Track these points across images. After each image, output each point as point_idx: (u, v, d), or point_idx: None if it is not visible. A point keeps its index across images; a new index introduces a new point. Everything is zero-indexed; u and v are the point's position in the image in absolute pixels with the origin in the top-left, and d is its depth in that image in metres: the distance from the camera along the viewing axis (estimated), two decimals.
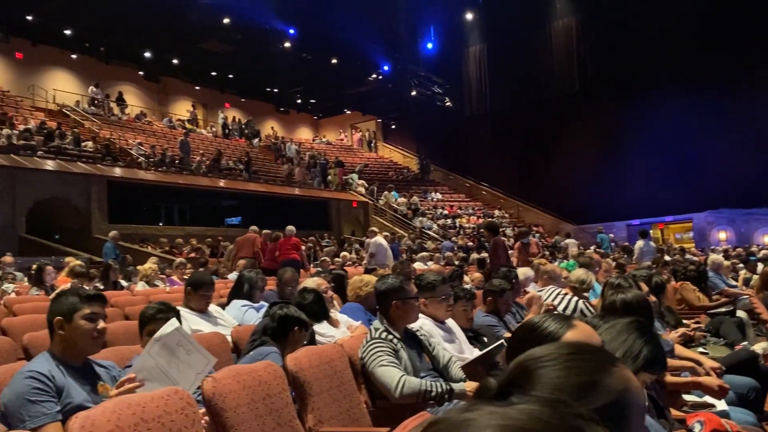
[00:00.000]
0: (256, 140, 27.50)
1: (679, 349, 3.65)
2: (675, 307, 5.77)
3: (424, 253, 14.67)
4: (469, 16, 26.25)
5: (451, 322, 3.96)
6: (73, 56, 23.72)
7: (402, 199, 24.95)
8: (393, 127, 32.33)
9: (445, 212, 25.63)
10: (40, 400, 2.17)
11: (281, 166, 25.65)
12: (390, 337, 3.13)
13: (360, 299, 4.68)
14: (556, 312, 4.10)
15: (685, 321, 5.06)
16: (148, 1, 19.05)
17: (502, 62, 25.56)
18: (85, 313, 2.39)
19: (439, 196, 27.52)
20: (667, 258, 11.19)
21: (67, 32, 21.66)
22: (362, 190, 24.93)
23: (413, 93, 27.17)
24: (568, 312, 4.73)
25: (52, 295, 5.35)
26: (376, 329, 3.20)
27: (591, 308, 4.73)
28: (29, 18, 20.42)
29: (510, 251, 9.82)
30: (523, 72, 25.12)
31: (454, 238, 20.49)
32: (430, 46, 27.50)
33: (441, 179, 29.66)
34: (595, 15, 23.35)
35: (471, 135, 27.33)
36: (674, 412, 2.32)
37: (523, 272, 6.07)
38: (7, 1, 19.28)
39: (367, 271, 8.57)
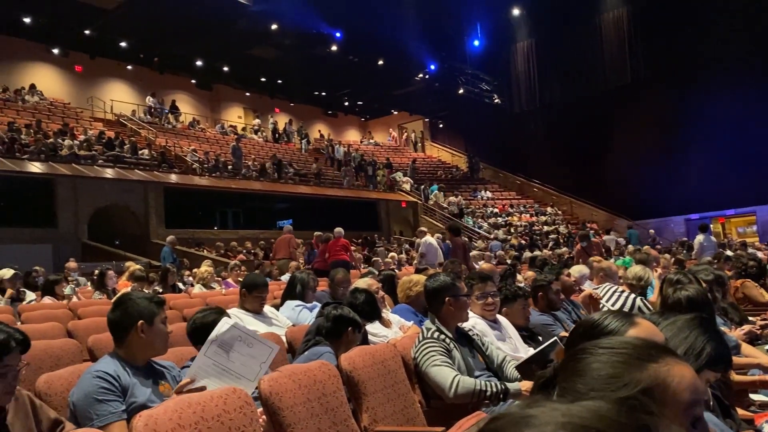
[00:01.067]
0: (304, 141, 27.82)
1: (745, 348, 3.51)
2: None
3: (475, 252, 14.54)
4: (516, 11, 25.87)
5: (503, 321, 3.91)
6: (129, 67, 24.56)
7: (453, 198, 24.83)
8: (441, 126, 32.15)
9: (496, 210, 25.33)
10: (107, 399, 2.26)
11: (329, 168, 25.85)
12: (442, 336, 3.12)
13: (410, 300, 4.65)
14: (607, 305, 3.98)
15: (750, 318, 4.86)
16: (198, 12, 19.51)
17: (551, 57, 25.08)
18: (162, 317, 2.53)
19: (489, 194, 27.22)
20: (728, 253, 10.78)
21: (123, 45, 22.39)
22: (407, 187, 24.88)
23: (461, 91, 26.94)
24: (626, 310, 4.60)
25: (114, 299, 5.54)
26: (428, 329, 3.19)
27: (649, 305, 4.61)
28: (87, 32, 21.20)
29: (564, 250, 9.68)
30: (573, 66, 24.61)
31: (507, 236, 20.25)
32: (476, 43, 27.20)
33: (491, 177, 29.33)
34: (646, 4, 22.65)
35: (520, 131, 26.85)
36: (741, 412, 2.24)
37: (578, 270, 5.94)
38: (66, 17, 20.09)
39: (418, 271, 8.54)
